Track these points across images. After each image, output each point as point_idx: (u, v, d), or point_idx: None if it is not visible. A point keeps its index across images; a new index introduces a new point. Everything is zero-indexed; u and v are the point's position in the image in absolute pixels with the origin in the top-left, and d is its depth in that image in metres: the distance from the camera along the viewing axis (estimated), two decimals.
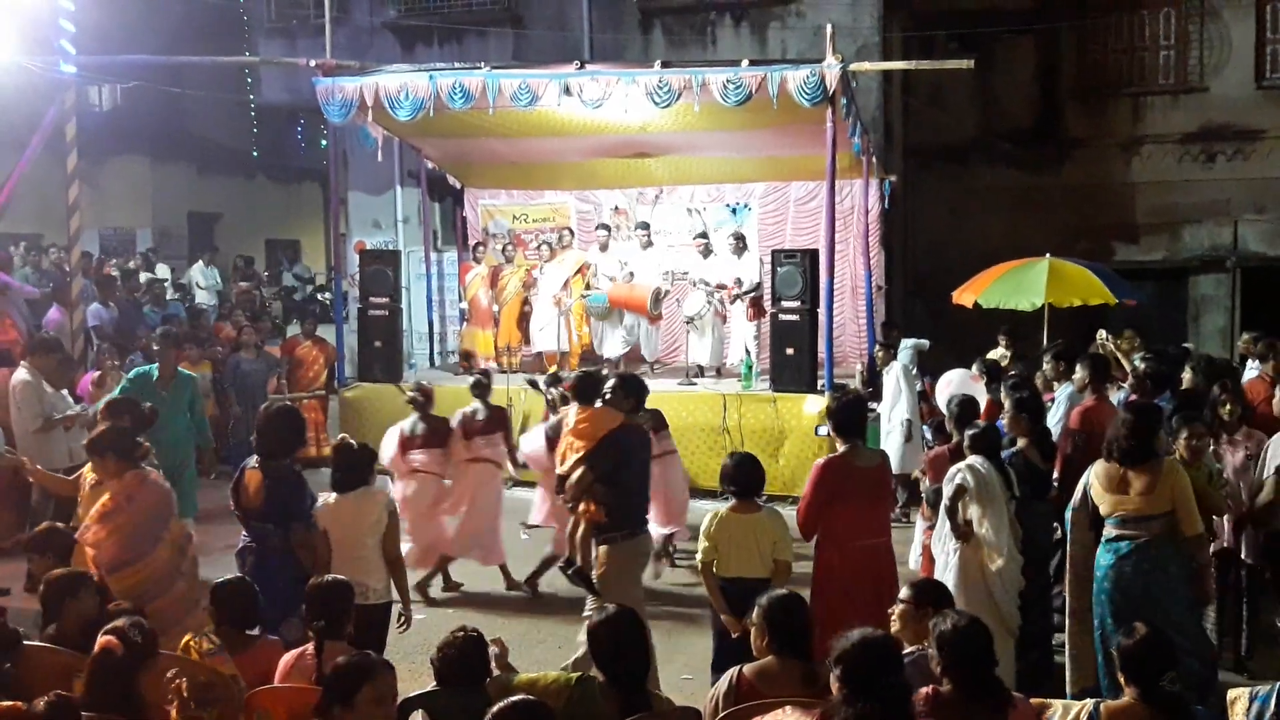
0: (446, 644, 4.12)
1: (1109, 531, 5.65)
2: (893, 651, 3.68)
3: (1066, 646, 6.00)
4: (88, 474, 6.13)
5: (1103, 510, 5.67)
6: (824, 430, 6.50)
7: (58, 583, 4.82)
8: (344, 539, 5.60)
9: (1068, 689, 5.82)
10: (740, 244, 12.80)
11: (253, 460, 5.73)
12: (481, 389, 8.75)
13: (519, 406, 11.24)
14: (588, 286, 13.42)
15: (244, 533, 5.76)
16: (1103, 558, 5.66)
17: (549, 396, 8.83)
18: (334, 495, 5.74)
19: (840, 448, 5.92)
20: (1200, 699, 5.16)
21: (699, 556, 5.76)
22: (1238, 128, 16.07)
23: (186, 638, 4.48)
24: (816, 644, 4.01)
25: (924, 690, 3.65)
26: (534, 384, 9.45)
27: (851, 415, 5.96)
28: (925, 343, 11.35)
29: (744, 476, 5.76)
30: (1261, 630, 6.77)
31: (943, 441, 7.49)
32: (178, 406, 8.25)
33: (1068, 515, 6.00)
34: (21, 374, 8.30)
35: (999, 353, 11.16)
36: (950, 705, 3.68)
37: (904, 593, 4.45)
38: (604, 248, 13.76)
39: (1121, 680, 4.01)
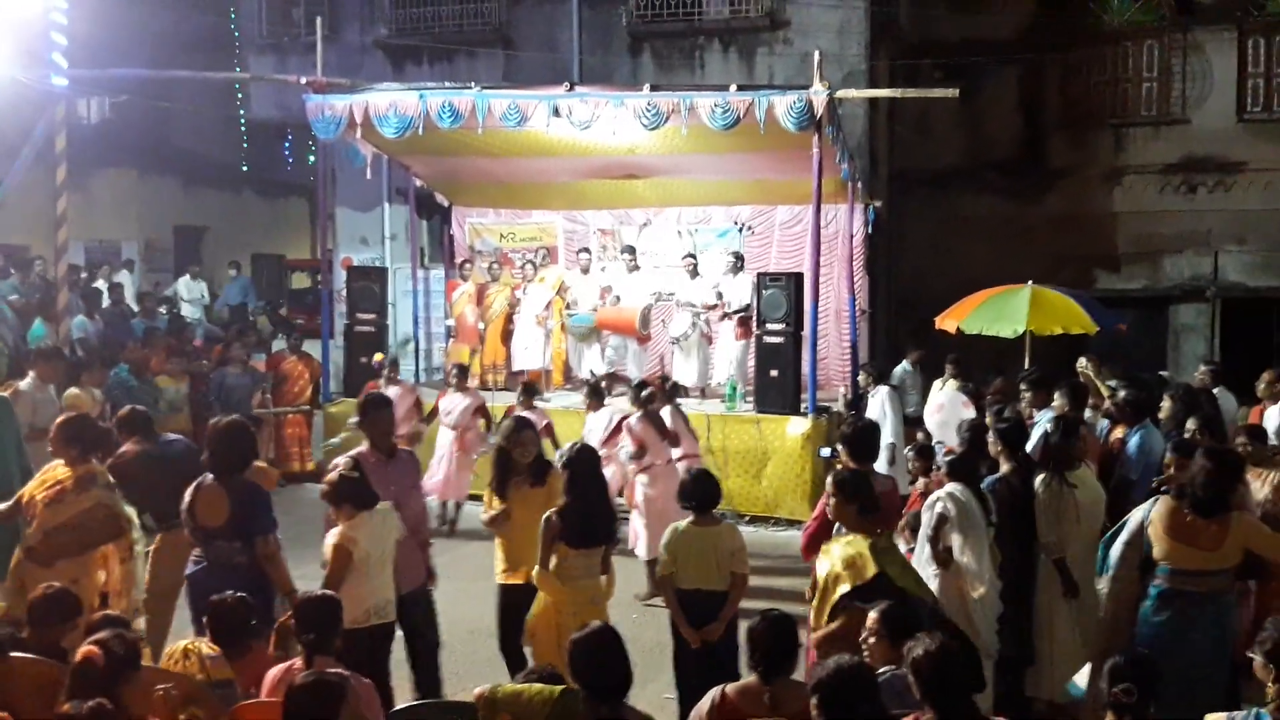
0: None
1: (1161, 582, 5.34)
2: (867, 679, 3.71)
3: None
4: (37, 489, 5.99)
5: (1161, 557, 5.35)
6: (827, 452, 6.54)
7: None
8: (373, 554, 5.47)
9: None
10: (738, 263, 12.88)
11: (207, 477, 5.67)
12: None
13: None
14: (567, 306, 13.46)
15: (197, 553, 5.66)
16: (1154, 609, 5.35)
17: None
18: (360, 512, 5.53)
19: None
20: None
21: (659, 569, 5.94)
22: (1219, 159, 16.22)
23: (187, 643, 4.54)
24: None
25: None
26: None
27: (865, 440, 6.09)
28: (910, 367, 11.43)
29: (701, 492, 5.94)
30: None
31: (924, 464, 7.53)
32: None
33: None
34: (23, 383, 8.46)
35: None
36: None
37: (872, 619, 4.38)
38: (585, 270, 13.81)
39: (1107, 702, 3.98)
